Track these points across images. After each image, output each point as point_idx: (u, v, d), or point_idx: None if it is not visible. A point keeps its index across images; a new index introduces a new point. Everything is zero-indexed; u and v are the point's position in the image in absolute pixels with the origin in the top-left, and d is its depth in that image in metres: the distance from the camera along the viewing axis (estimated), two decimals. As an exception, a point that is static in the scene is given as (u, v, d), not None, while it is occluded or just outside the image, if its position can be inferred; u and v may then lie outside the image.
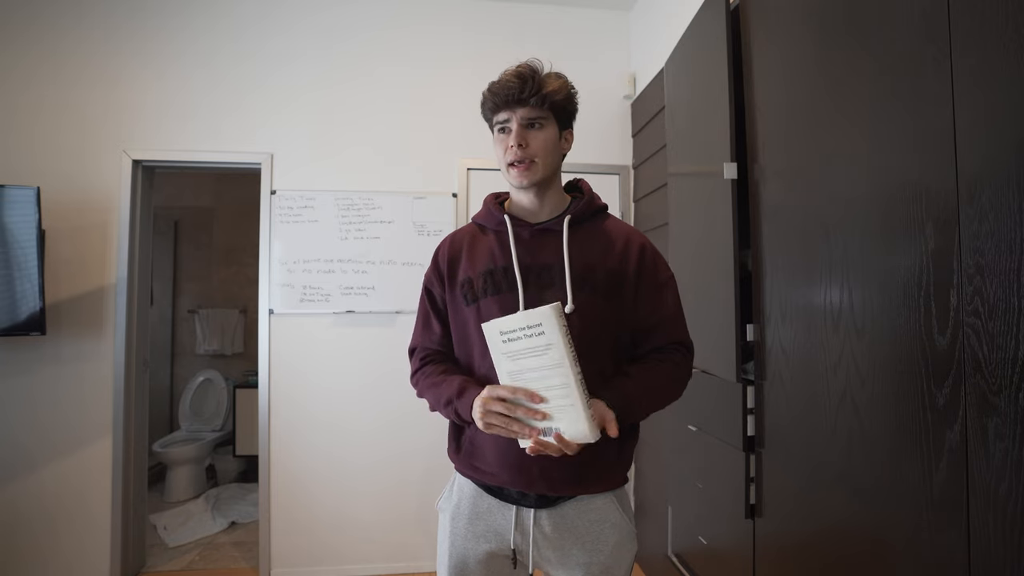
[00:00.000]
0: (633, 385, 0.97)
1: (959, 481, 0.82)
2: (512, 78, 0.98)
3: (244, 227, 4.01)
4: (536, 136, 0.99)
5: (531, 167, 0.99)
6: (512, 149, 0.98)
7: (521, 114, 0.98)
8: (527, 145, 0.98)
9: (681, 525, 2.00)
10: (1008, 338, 0.74)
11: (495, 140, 1.03)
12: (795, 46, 1.27)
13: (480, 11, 2.74)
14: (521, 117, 0.98)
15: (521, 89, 0.96)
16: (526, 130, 0.98)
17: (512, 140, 0.98)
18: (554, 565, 1.02)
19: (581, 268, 1.00)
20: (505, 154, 1.00)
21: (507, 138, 0.99)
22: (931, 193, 0.87)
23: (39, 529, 2.35)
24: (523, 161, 0.99)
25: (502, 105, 0.98)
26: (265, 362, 2.53)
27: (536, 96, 0.97)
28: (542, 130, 0.99)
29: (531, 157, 0.99)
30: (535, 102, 0.97)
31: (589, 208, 1.06)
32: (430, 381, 1.04)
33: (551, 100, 0.98)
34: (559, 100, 0.99)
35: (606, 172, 2.75)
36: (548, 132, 1.00)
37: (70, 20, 2.47)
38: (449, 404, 0.98)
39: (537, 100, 0.97)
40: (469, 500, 1.05)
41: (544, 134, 0.99)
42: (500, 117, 1.00)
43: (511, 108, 0.98)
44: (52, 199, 2.34)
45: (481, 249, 1.06)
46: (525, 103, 0.97)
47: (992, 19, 0.77)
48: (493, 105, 1.00)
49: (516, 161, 0.99)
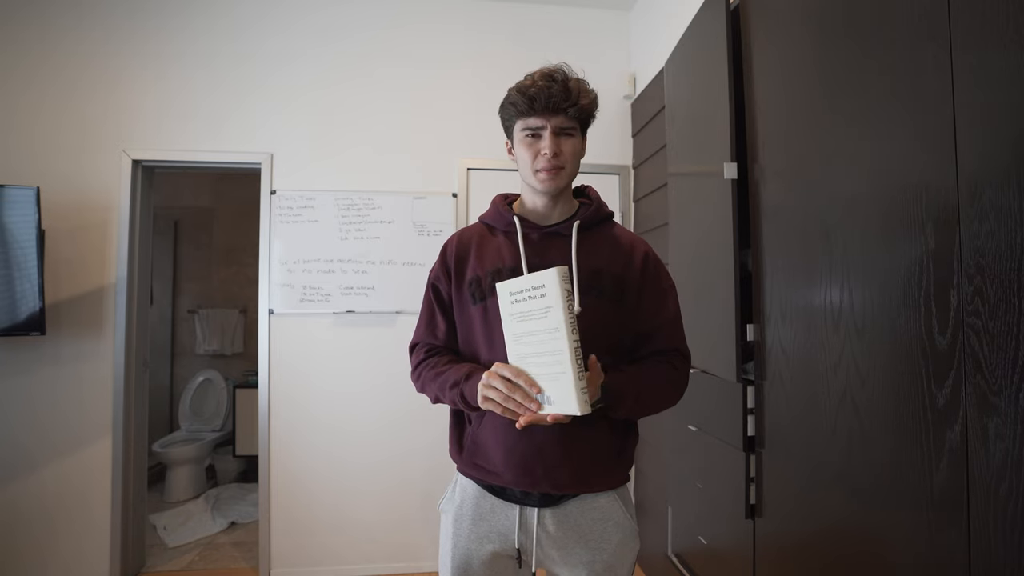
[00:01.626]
0: (626, 376, 0.98)
1: (959, 481, 0.82)
2: (551, 85, 0.97)
3: (244, 227, 4.01)
4: (567, 144, 1.00)
5: (559, 174, 1.01)
6: (545, 156, 0.98)
7: (556, 122, 0.98)
8: (561, 153, 0.99)
9: (681, 525, 2.00)
10: (1008, 338, 0.74)
11: (520, 142, 1.02)
12: (795, 46, 1.27)
13: (480, 11, 2.74)
14: (556, 125, 0.98)
15: (564, 98, 0.97)
16: (559, 138, 0.99)
17: (547, 148, 0.98)
18: (558, 564, 1.03)
19: (588, 272, 1.01)
20: (535, 159, 1.00)
21: (538, 143, 0.99)
22: (931, 193, 0.87)
23: (39, 529, 2.35)
24: (553, 168, 0.99)
25: (539, 110, 0.98)
26: (265, 362, 2.53)
27: (575, 107, 0.98)
28: (571, 139, 1.01)
29: (561, 165, 1.00)
30: (573, 113, 0.98)
31: (598, 215, 1.08)
32: (435, 371, 1.04)
33: (583, 112, 1.00)
34: (589, 112, 1.01)
35: (606, 172, 2.75)
36: (576, 141, 1.02)
37: (70, 20, 2.47)
38: (455, 386, 0.98)
39: (575, 111, 0.98)
40: (472, 501, 1.05)
41: (573, 142, 1.01)
42: (532, 122, 0.99)
43: (546, 115, 0.98)
44: (52, 199, 2.34)
45: (490, 249, 1.07)
46: (563, 112, 0.98)
47: (992, 19, 0.77)
48: (527, 109, 0.98)
49: (547, 168, 0.99)
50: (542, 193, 1.03)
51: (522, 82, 1.00)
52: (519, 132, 1.01)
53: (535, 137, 1.00)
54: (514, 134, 1.03)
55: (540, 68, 1.01)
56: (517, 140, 1.02)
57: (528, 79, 1.00)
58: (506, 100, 1.02)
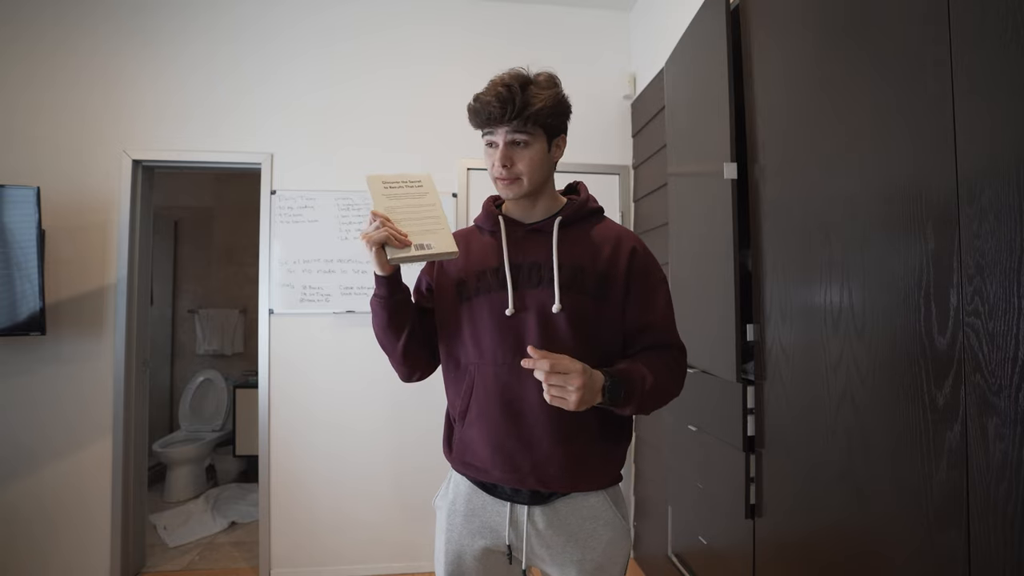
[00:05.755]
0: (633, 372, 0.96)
1: (959, 481, 0.82)
2: (493, 98, 0.95)
3: (244, 227, 4.01)
4: (522, 154, 0.98)
5: (515, 183, 1.00)
6: (496, 167, 0.98)
7: (506, 132, 0.97)
8: (512, 165, 0.98)
9: (681, 525, 2.00)
10: (1008, 338, 0.74)
11: (483, 149, 1.02)
12: (795, 46, 1.27)
13: (480, 11, 2.74)
14: (508, 137, 0.97)
15: (502, 112, 0.94)
16: (511, 148, 0.97)
17: (497, 160, 0.98)
18: (547, 562, 1.03)
19: (570, 268, 1.00)
20: (492, 168, 1.00)
21: (494, 152, 0.99)
22: (931, 193, 0.88)
23: (39, 529, 2.35)
24: (506, 179, 0.99)
25: (489, 121, 0.96)
26: (265, 362, 2.53)
27: (519, 118, 0.94)
28: (528, 148, 0.98)
29: (516, 176, 0.99)
30: (517, 125, 0.95)
31: (581, 210, 1.06)
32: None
33: (536, 118, 0.95)
34: (544, 116, 0.96)
35: (606, 172, 2.75)
36: (534, 149, 0.98)
37: (70, 20, 2.47)
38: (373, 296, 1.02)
39: (520, 122, 0.95)
40: (464, 497, 1.05)
41: (530, 152, 0.98)
42: (487, 133, 0.99)
43: (494, 124, 0.97)
44: (52, 199, 2.34)
45: (476, 249, 1.07)
46: (511, 122, 0.95)
47: (992, 19, 0.77)
48: (478, 119, 0.98)
49: (501, 177, 0.99)
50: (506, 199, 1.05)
51: (480, 90, 0.98)
52: (481, 139, 1.02)
53: (492, 147, 0.99)
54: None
55: (504, 72, 0.98)
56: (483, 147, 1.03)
57: (487, 85, 0.98)
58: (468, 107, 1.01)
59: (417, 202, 0.98)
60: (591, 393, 0.88)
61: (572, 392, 0.86)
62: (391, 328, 1.03)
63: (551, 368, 0.86)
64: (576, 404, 0.86)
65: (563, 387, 0.86)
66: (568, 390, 0.86)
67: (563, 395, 0.87)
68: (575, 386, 0.86)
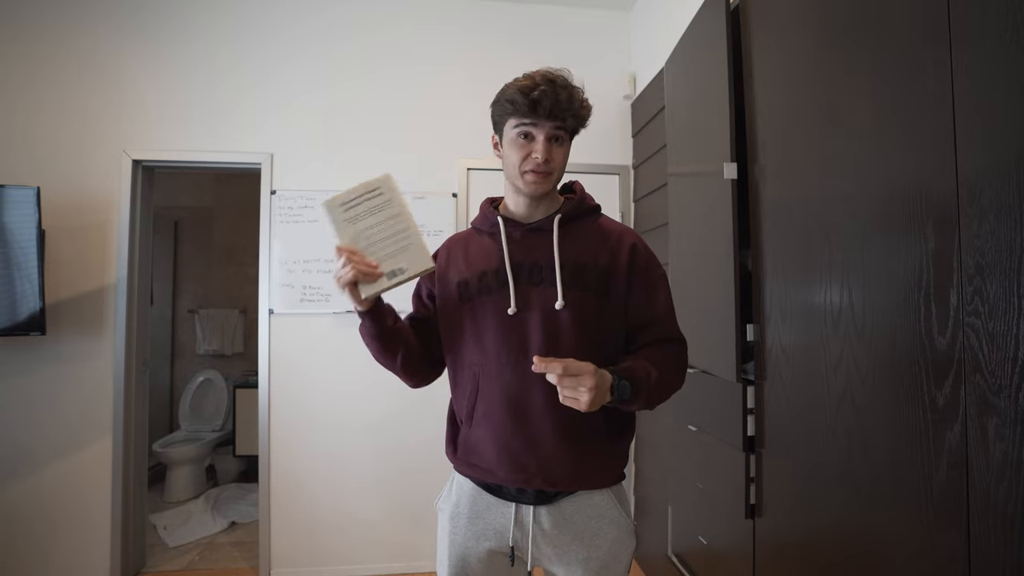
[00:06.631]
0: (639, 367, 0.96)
1: (959, 481, 0.82)
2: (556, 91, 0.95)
3: (244, 227, 4.00)
4: (558, 151, 1.00)
5: (547, 179, 1.00)
6: (535, 160, 0.98)
7: (550, 127, 0.97)
8: (552, 159, 0.99)
9: (681, 525, 2.00)
10: (1008, 338, 0.74)
11: (511, 141, 1.00)
12: (795, 46, 1.27)
13: (480, 11, 2.74)
14: (551, 131, 0.98)
15: (567, 106, 0.96)
16: (551, 144, 0.99)
17: (540, 153, 0.97)
18: (553, 561, 1.03)
19: (572, 266, 1.01)
20: (523, 160, 0.99)
21: (530, 145, 0.98)
22: (931, 193, 0.88)
23: (39, 529, 2.35)
24: (543, 173, 0.99)
25: (541, 115, 0.96)
26: (265, 362, 2.53)
27: (574, 117, 0.98)
28: (562, 145, 1.01)
29: (551, 171, 1.00)
30: (571, 122, 0.98)
31: (580, 207, 1.07)
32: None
33: (578, 120, 0.99)
34: (583, 120, 1.01)
35: (606, 172, 2.75)
36: (566, 147, 1.02)
37: (70, 20, 2.47)
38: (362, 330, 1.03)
39: (573, 121, 0.98)
40: (468, 499, 1.05)
41: (564, 149, 1.01)
42: (527, 124, 0.98)
43: (544, 119, 0.96)
44: (52, 199, 2.34)
45: (476, 251, 1.07)
46: (560, 119, 0.97)
47: (992, 19, 0.77)
48: (527, 110, 0.96)
49: (537, 170, 0.98)
50: (525, 195, 1.03)
51: (522, 82, 0.98)
52: (511, 131, 0.99)
53: (527, 139, 0.99)
54: (505, 131, 1.01)
55: (540, 69, 0.99)
56: (508, 139, 1.01)
57: (528, 79, 0.98)
58: (502, 97, 1.00)
59: (381, 217, 0.96)
60: (601, 393, 0.88)
61: (584, 393, 0.86)
62: (386, 354, 1.05)
63: (564, 371, 0.86)
64: (588, 404, 0.87)
65: (575, 388, 0.87)
66: (580, 391, 0.86)
67: (576, 395, 0.87)
68: (587, 387, 0.86)
